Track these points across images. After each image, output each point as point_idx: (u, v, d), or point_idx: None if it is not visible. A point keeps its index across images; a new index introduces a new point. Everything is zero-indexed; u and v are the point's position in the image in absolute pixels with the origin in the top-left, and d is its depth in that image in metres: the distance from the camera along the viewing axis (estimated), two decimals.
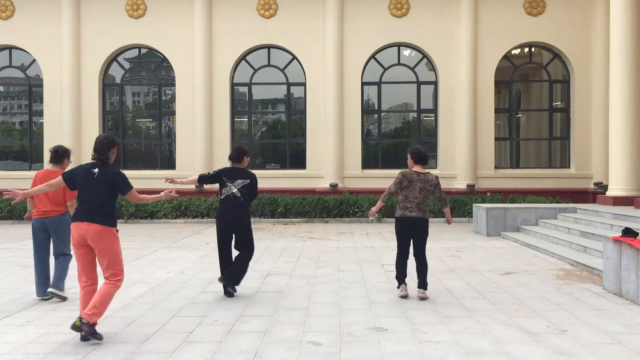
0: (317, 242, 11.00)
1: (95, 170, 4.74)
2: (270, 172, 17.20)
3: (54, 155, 6.06)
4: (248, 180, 6.18)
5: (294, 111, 17.73)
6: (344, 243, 10.78)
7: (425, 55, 17.10)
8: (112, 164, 4.93)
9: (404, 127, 18.60)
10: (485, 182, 16.66)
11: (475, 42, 16.58)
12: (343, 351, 4.37)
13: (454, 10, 16.74)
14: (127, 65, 17.82)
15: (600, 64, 16.26)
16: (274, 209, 15.11)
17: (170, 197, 5.23)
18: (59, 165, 6.06)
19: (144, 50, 17.62)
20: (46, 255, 6.14)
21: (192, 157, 16.85)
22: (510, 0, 16.70)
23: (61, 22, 16.90)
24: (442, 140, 16.85)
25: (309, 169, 16.98)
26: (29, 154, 17.78)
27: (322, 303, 5.94)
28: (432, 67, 17.20)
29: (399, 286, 6.25)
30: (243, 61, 17.38)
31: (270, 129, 18.52)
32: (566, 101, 17.26)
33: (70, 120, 16.83)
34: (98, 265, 4.86)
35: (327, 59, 16.70)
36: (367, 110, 17.55)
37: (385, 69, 17.21)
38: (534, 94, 19.01)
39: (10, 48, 17.48)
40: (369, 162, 17.33)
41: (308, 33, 16.89)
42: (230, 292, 6.19)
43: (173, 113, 17.66)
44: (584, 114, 16.69)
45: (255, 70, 17.40)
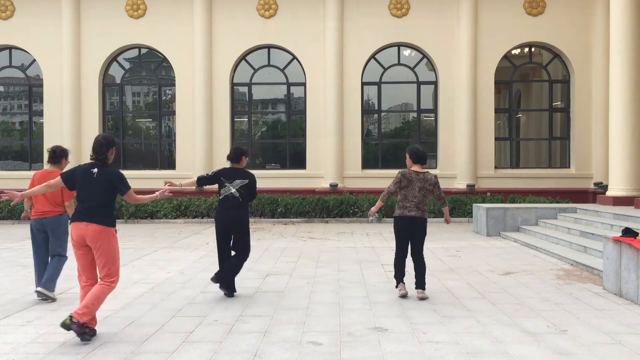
0: (317, 242, 11.00)
1: (95, 170, 4.74)
2: (270, 172, 17.20)
3: (52, 156, 6.08)
4: (247, 181, 6.18)
5: (294, 111, 17.73)
6: (344, 243, 10.78)
7: (425, 55, 17.10)
8: (111, 164, 4.93)
9: (404, 127, 18.60)
10: (485, 182, 16.66)
11: (475, 42, 16.58)
12: (343, 351, 4.37)
13: (454, 10, 16.75)
14: (127, 65, 17.82)
15: (600, 64, 16.27)
16: (274, 209, 15.11)
17: (165, 196, 5.23)
18: (57, 165, 6.08)
19: (144, 50, 17.62)
20: (45, 256, 6.14)
21: (192, 157, 16.85)
22: (510, 0, 16.70)
23: (61, 22, 16.90)
24: (442, 140, 16.86)
25: (309, 169, 16.98)
26: (29, 154, 17.78)
27: (322, 303, 5.94)
28: (432, 67, 17.20)
29: (397, 285, 6.27)
30: (243, 61, 17.38)
31: (270, 129, 18.52)
32: (566, 101, 17.26)
33: (70, 120, 16.83)
34: None
35: (327, 59, 16.71)
36: (367, 110, 17.55)
37: (385, 69, 17.21)
38: (534, 94, 19.01)
39: (10, 48, 17.48)
40: (369, 162, 17.33)
41: (308, 33, 16.89)
42: (228, 293, 6.18)
43: (173, 113, 17.66)
44: (584, 114, 16.69)
45: (255, 70, 17.40)
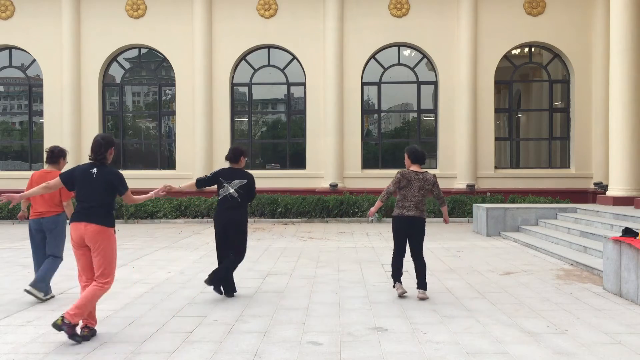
0: (317, 242, 11.00)
1: (94, 170, 4.73)
2: (270, 172, 17.21)
3: (50, 156, 6.09)
4: (245, 181, 6.17)
5: (294, 111, 17.73)
6: (344, 243, 10.78)
7: (425, 55, 17.10)
8: (111, 164, 4.93)
9: (404, 127, 18.60)
10: (485, 182, 16.66)
11: (475, 42, 16.58)
12: (343, 351, 4.37)
13: (454, 10, 16.75)
14: (127, 65, 17.82)
15: (600, 64, 16.27)
16: (274, 209, 15.10)
17: (160, 196, 5.22)
18: (55, 165, 6.09)
19: (144, 50, 17.62)
20: (44, 257, 6.14)
21: (192, 157, 16.85)
22: (510, 0, 16.70)
23: (61, 22, 16.91)
24: (442, 140, 16.86)
25: (309, 169, 16.98)
26: (29, 154, 17.79)
27: (322, 303, 5.94)
28: (432, 67, 17.20)
29: (394, 285, 6.28)
30: (243, 61, 17.38)
31: (270, 129, 18.52)
32: (566, 101, 17.26)
33: (70, 120, 16.83)
34: None
35: (327, 59, 16.71)
36: (367, 110, 17.55)
37: (385, 69, 17.21)
38: (534, 94, 19.01)
39: (10, 48, 17.48)
40: (369, 162, 17.33)
41: (308, 33, 16.90)
42: (227, 293, 6.18)
43: (173, 113, 17.66)
44: (584, 114, 16.69)
45: (255, 70, 17.40)
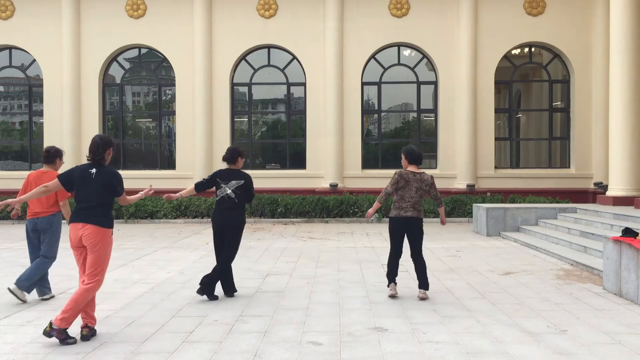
0: (317, 242, 11.00)
1: (93, 170, 4.73)
2: (270, 172, 17.21)
3: (46, 156, 6.12)
4: (242, 181, 6.17)
5: (294, 111, 17.73)
6: (344, 243, 10.78)
7: (425, 55, 17.10)
8: (111, 164, 4.92)
9: (404, 127, 18.60)
10: (485, 182, 16.66)
11: (475, 42, 16.58)
12: (343, 351, 4.37)
13: (454, 10, 16.74)
14: (127, 65, 17.82)
15: (600, 64, 16.27)
16: (274, 209, 15.10)
17: (149, 195, 5.24)
18: (51, 165, 6.11)
19: (144, 50, 17.62)
20: None
21: (192, 157, 16.85)
22: (510, 0, 16.70)
23: (61, 22, 16.91)
24: (442, 140, 16.86)
25: (309, 169, 16.98)
26: (29, 154, 17.78)
27: (322, 303, 5.95)
28: (432, 67, 17.20)
29: (388, 285, 6.28)
30: (243, 61, 17.38)
31: (270, 129, 18.52)
32: (566, 101, 17.26)
33: (70, 120, 16.83)
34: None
35: (327, 59, 16.71)
36: (367, 110, 17.55)
37: (385, 69, 17.21)
38: (534, 94, 19.01)
39: (10, 48, 17.48)
40: (369, 162, 17.33)
41: (308, 33, 16.90)
42: (216, 297, 6.13)
43: (173, 113, 17.66)
44: (584, 114, 16.69)
45: (255, 70, 17.40)
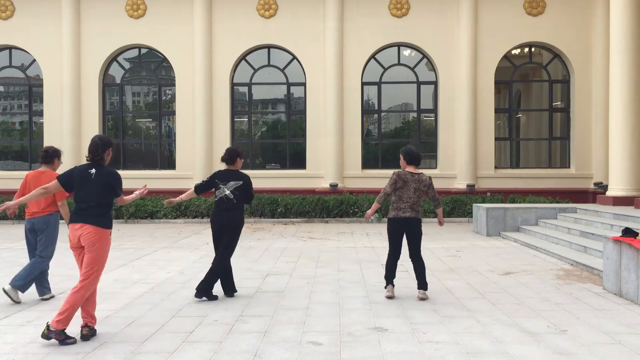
0: (317, 242, 11.00)
1: (92, 171, 4.73)
2: (270, 172, 17.21)
3: (44, 156, 6.13)
4: (241, 182, 6.18)
5: (294, 111, 17.73)
6: (344, 243, 10.78)
7: (425, 55, 17.10)
8: (111, 164, 4.92)
9: (404, 127, 18.60)
10: (485, 182, 16.66)
11: (475, 42, 16.58)
12: (343, 351, 4.37)
13: (454, 10, 16.74)
14: (127, 65, 17.82)
15: (600, 64, 16.27)
16: (274, 209, 15.10)
17: (143, 195, 5.24)
18: (49, 165, 6.13)
19: (144, 50, 17.62)
20: None
21: (192, 157, 16.85)
22: (510, 0, 16.70)
23: (61, 22, 16.90)
24: (442, 140, 16.85)
25: (309, 169, 16.98)
26: (29, 154, 17.77)
27: (322, 303, 5.94)
28: (432, 67, 17.20)
29: (386, 286, 6.27)
30: (243, 61, 17.38)
31: (270, 129, 18.52)
32: (566, 101, 17.26)
33: (70, 120, 16.83)
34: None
35: (327, 59, 16.71)
36: (367, 110, 17.55)
37: (385, 69, 17.21)
38: (534, 94, 19.01)
39: (10, 48, 17.48)
40: (369, 162, 17.33)
41: (308, 33, 16.89)
42: (215, 297, 6.13)
43: (173, 113, 17.66)
44: (584, 114, 16.69)
45: (255, 70, 17.40)
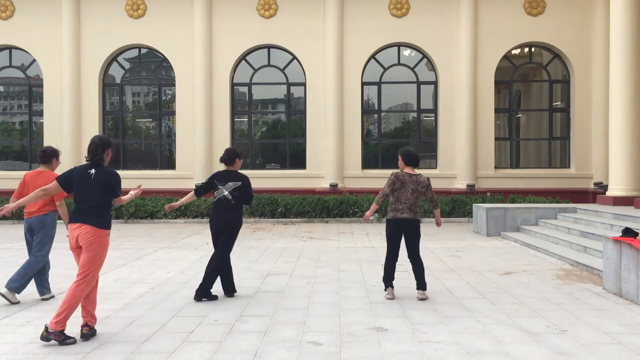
0: (317, 242, 11.00)
1: (92, 171, 4.73)
2: (270, 172, 17.21)
3: (42, 156, 6.14)
4: (239, 183, 6.19)
5: (294, 111, 17.73)
6: (344, 243, 10.78)
7: (425, 55, 17.10)
8: (111, 164, 4.92)
9: (404, 127, 18.60)
10: (485, 182, 16.66)
11: (475, 42, 16.58)
12: (343, 351, 4.37)
13: (454, 10, 16.75)
14: (127, 65, 17.82)
15: (600, 64, 16.27)
16: (274, 209, 15.10)
17: (138, 195, 5.26)
18: (47, 165, 6.14)
19: (144, 50, 17.62)
20: None
21: (192, 157, 16.86)
22: (510, 0, 16.70)
23: (61, 22, 16.91)
24: (442, 140, 16.86)
25: (309, 169, 16.98)
26: (29, 154, 17.77)
27: (322, 303, 5.94)
28: (432, 67, 17.20)
29: (385, 288, 6.25)
30: (243, 61, 17.38)
31: (270, 129, 18.52)
32: (566, 101, 17.26)
33: (70, 120, 16.84)
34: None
35: (327, 59, 16.71)
36: (367, 110, 17.55)
37: (385, 69, 17.21)
38: (534, 94, 19.01)
39: (10, 48, 17.48)
40: (369, 162, 17.33)
41: (308, 33, 16.90)
42: (215, 297, 6.13)
43: (173, 113, 17.66)
44: (584, 114, 16.69)
45: (255, 70, 17.40)
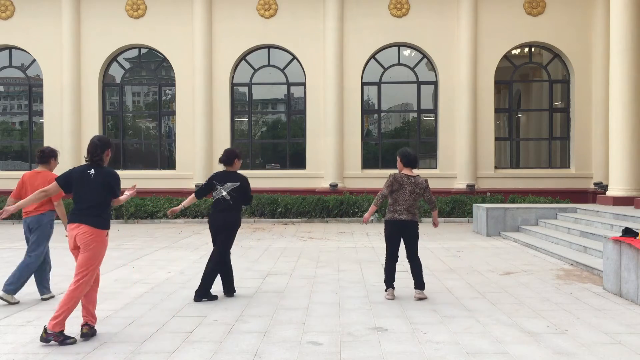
0: (317, 242, 11.00)
1: (92, 171, 4.74)
2: (270, 172, 17.21)
3: (40, 156, 6.15)
4: (238, 183, 6.20)
5: (294, 111, 17.73)
6: (344, 243, 10.78)
7: (425, 55, 17.10)
8: (111, 164, 4.92)
9: (404, 127, 18.61)
10: (485, 182, 16.66)
11: (475, 42, 16.58)
12: (343, 351, 4.37)
13: (454, 10, 16.74)
14: (127, 65, 17.82)
15: (600, 64, 16.27)
16: (274, 209, 15.10)
17: (133, 195, 5.28)
18: (45, 165, 6.15)
19: (144, 50, 17.62)
20: None
21: (192, 157, 16.85)
22: (510, 0, 16.70)
23: (61, 22, 16.91)
24: (442, 140, 16.85)
25: (309, 169, 16.98)
26: (29, 154, 17.76)
27: (322, 303, 5.94)
28: (432, 67, 17.20)
29: (386, 289, 6.25)
30: (243, 61, 17.38)
31: (270, 129, 18.52)
32: (566, 101, 17.26)
33: (70, 120, 16.84)
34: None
35: (327, 59, 16.71)
36: (367, 110, 17.55)
37: (385, 69, 17.21)
38: (534, 94, 19.01)
39: (10, 48, 17.48)
40: (369, 162, 17.33)
41: (308, 33, 16.89)
42: (215, 297, 6.13)
43: (173, 113, 17.66)
44: (584, 114, 16.69)
45: (255, 70, 17.40)
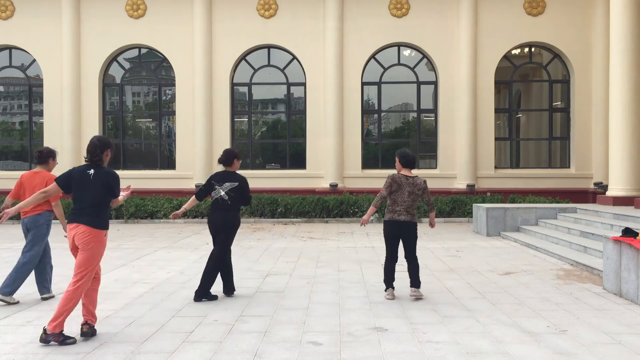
0: (317, 242, 11.00)
1: (91, 171, 4.74)
2: (270, 172, 17.21)
3: (39, 156, 6.17)
4: (236, 184, 6.21)
5: (294, 111, 17.72)
6: (344, 243, 10.78)
7: (425, 55, 17.10)
8: (110, 164, 4.93)
9: (404, 127, 18.60)
10: (485, 182, 16.66)
11: (475, 42, 16.58)
12: (343, 351, 4.37)
13: (454, 10, 16.74)
14: (127, 65, 17.82)
15: (600, 64, 16.27)
16: (274, 209, 15.10)
17: (130, 196, 5.26)
18: (44, 166, 6.16)
19: (144, 50, 17.62)
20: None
21: (192, 157, 16.85)
22: (510, 0, 16.70)
23: (61, 22, 16.91)
24: (442, 140, 16.85)
25: (309, 169, 16.98)
26: (29, 154, 17.75)
27: (322, 303, 5.95)
28: (432, 67, 17.20)
29: (386, 289, 6.26)
30: (243, 61, 17.38)
31: (270, 129, 18.52)
32: (566, 101, 17.26)
33: (70, 120, 16.83)
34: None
35: (327, 59, 16.71)
36: (367, 110, 17.55)
37: (385, 69, 17.21)
38: (534, 94, 19.01)
39: (10, 48, 17.48)
40: (369, 162, 17.33)
41: (308, 33, 16.89)
42: (215, 297, 6.13)
43: (173, 113, 17.66)
44: (584, 114, 16.69)
45: (255, 70, 17.40)
